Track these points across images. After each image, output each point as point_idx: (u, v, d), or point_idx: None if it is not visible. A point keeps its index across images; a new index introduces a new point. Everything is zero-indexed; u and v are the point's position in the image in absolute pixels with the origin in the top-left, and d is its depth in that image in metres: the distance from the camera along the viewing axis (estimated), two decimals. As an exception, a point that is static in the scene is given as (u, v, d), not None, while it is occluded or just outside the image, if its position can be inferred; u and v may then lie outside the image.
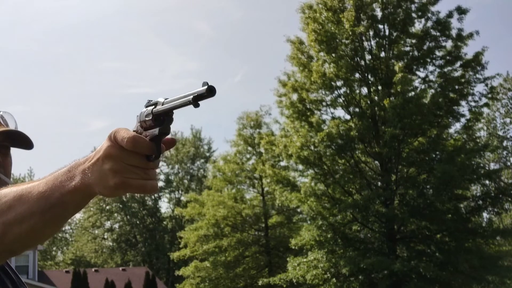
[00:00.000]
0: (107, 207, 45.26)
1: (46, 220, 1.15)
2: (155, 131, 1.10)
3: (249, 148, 28.89)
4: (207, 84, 1.04)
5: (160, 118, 1.10)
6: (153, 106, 1.12)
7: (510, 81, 33.53)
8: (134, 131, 1.13)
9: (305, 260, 20.14)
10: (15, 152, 1.71)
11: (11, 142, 1.67)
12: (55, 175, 1.15)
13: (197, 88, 1.05)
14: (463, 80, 20.48)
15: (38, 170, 48.19)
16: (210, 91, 1.04)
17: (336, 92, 20.94)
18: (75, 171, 1.12)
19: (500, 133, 33.77)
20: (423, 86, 20.72)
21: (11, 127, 1.69)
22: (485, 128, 33.06)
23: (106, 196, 1.12)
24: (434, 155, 20.35)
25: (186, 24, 65.98)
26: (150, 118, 1.11)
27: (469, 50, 26.65)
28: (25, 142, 1.69)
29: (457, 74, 20.71)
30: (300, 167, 21.95)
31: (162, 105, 1.10)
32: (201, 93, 1.04)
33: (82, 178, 1.10)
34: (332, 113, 21.50)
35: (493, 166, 31.25)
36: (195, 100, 1.04)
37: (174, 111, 1.10)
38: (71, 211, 1.16)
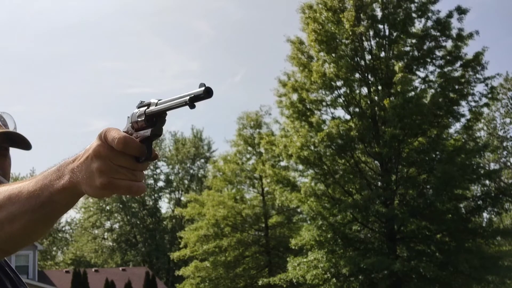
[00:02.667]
0: (107, 207, 45.27)
1: (36, 218, 1.15)
2: (147, 132, 1.09)
3: (249, 148, 28.90)
4: (204, 85, 1.03)
5: (153, 119, 1.09)
6: (146, 107, 1.10)
7: (510, 81, 33.52)
8: (124, 131, 1.12)
9: (305, 260, 20.13)
10: (16, 152, 1.71)
11: (9, 143, 1.67)
12: (45, 174, 1.15)
13: (194, 89, 1.04)
14: (463, 80, 20.47)
15: (39, 170, 48.12)
16: (207, 93, 1.02)
17: (336, 92, 20.95)
18: (64, 170, 1.12)
19: (500, 133, 33.77)
20: (423, 86, 20.72)
21: (11, 127, 1.70)
22: (485, 128, 33.06)
23: (91, 196, 1.10)
24: (434, 155, 20.34)
25: (186, 24, 65.99)
26: (143, 118, 1.09)
27: (469, 50, 26.66)
28: (23, 143, 1.69)
29: (457, 74, 20.70)
30: (300, 167, 21.96)
31: (156, 106, 1.09)
32: (198, 94, 1.02)
33: (71, 177, 1.10)
34: (332, 113, 21.52)
35: (493, 166, 31.25)
36: (192, 101, 1.03)
37: (167, 112, 1.08)
38: (61, 209, 1.16)
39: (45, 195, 1.12)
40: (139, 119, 1.10)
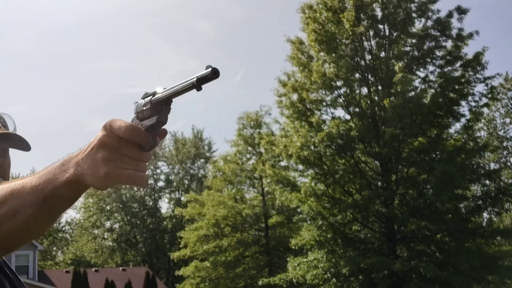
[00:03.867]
0: (107, 207, 45.28)
1: (39, 213, 1.14)
2: (153, 119, 1.09)
3: (249, 148, 28.90)
4: (211, 66, 1.03)
5: (159, 107, 1.09)
6: (151, 96, 1.11)
7: (510, 81, 33.51)
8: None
9: (305, 260, 20.14)
10: (16, 152, 1.71)
11: (9, 144, 1.67)
12: (49, 169, 1.15)
13: (201, 72, 1.04)
14: (463, 80, 20.47)
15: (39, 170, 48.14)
16: (214, 73, 1.02)
17: (336, 92, 20.95)
18: (68, 164, 1.12)
19: (500, 133, 33.75)
20: (423, 86, 20.72)
21: (10, 128, 1.70)
22: (485, 128, 33.04)
23: (95, 187, 1.10)
24: (434, 155, 20.34)
25: (186, 24, 65.99)
26: (148, 106, 1.10)
27: (469, 50, 26.65)
28: (22, 144, 1.69)
29: (457, 74, 20.71)
30: (300, 167, 21.96)
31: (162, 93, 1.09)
32: (205, 75, 1.03)
33: (75, 169, 1.10)
34: (332, 113, 21.53)
35: (493, 166, 31.24)
36: (199, 83, 1.03)
37: (173, 99, 1.08)
38: (64, 204, 1.16)
39: (48, 188, 1.12)
40: (144, 108, 1.11)
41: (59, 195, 1.13)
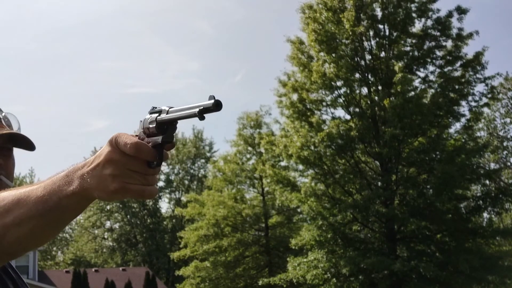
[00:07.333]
0: (107, 207, 45.26)
1: (44, 224, 1.15)
2: (158, 139, 1.11)
3: (249, 148, 28.91)
4: (214, 97, 1.05)
5: (164, 127, 1.11)
6: (158, 114, 1.12)
7: (510, 81, 33.50)
8: (136, 135, 1.14)
9: (305, 260, 20.13)
10: (16, 152, 1.71)
11: (13, 143, 1.68)
12: (53, 179, 1.15)
13: (204, 101, 1.06)
14: (463, 80, 20.47)
15: (39, 170, 48.21)
16: (216, 106, 1.04)
17: (336, 92, 20.94)
18: (73, 176, 1.13)
19: (500, 133, 33.75)
20: (423, 86, 20.72)
21: (15, 128, 1.70)
22: (485, 128, 33.04)
23: (104, 200, 1.12)
24: (434, 155, 20.33)
25: (186, 24, 65.99)
26: (154, 125, 1.11)
27: (469, 50, 26.66)
28: (27, 144, 1.69)
29: (457, 74, 20.70)
30: (300, 167, 21.95)
31: (167, 113, 1.11)
32: (207, 106, 1.05)
33: (80, 183, 1.11)
34: (332, 113, 21.52)
35: (493, 166, 31.23)
36: (201, 113, 1.05)
37: (178, 121, 1.11)
38: (69, 215, 1.17)
39: (53, 200, 1.13)
40: (150, 126, 1.12)
41: (63, 206, 1.13)
